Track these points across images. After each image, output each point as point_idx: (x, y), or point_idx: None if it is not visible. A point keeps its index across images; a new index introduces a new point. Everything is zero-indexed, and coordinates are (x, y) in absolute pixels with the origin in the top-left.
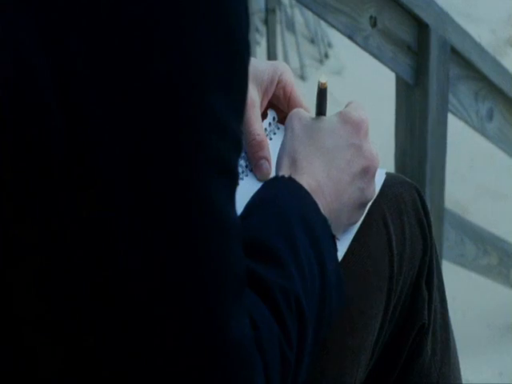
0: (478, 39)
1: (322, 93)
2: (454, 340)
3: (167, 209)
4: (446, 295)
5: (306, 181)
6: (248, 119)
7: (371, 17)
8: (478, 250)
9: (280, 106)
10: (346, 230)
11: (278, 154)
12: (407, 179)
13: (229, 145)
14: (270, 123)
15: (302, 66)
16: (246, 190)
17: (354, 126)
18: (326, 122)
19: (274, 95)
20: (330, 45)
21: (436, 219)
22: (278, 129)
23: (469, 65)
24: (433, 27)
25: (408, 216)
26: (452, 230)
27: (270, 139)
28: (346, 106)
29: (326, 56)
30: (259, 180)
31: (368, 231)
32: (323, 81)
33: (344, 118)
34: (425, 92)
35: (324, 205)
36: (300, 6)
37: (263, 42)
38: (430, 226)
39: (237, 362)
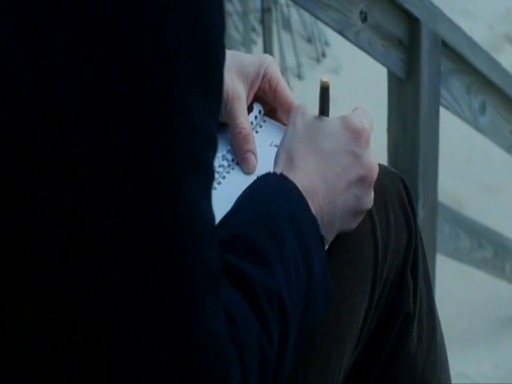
0: (474, 35)
1: (323, 92)
2: (440, 329)
3: (141, 203)
4: (443, 290)
5: (299, 179)
6: (234, 113)
7: (361, 12)
8: (473, 243)
9: (266, 99)
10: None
11: (278, 147)
12: (392, 169)
13: (203, 142)
14: (256, 116)
15: (298, 65)
16: (232, 183)
17: (355, 134)
18: (328, 124)
19: (260, 88)
20: (327, 43)
21: (429, 212)
22: (264, 122)
23: (460, 58)
24: (423, 21)
25: (393, 205)
26: (446, 224)
27: (256, 132)
28: (352, 111)
29: (323, 55)
30: (246, 173)
31: None
32: (325, 79)
33: (345, 123)
34: (416, 86)
35: (316, 205)
36: (296, 6)
37: (259, 41)
38: (414, 215)
39: (209, 355)
